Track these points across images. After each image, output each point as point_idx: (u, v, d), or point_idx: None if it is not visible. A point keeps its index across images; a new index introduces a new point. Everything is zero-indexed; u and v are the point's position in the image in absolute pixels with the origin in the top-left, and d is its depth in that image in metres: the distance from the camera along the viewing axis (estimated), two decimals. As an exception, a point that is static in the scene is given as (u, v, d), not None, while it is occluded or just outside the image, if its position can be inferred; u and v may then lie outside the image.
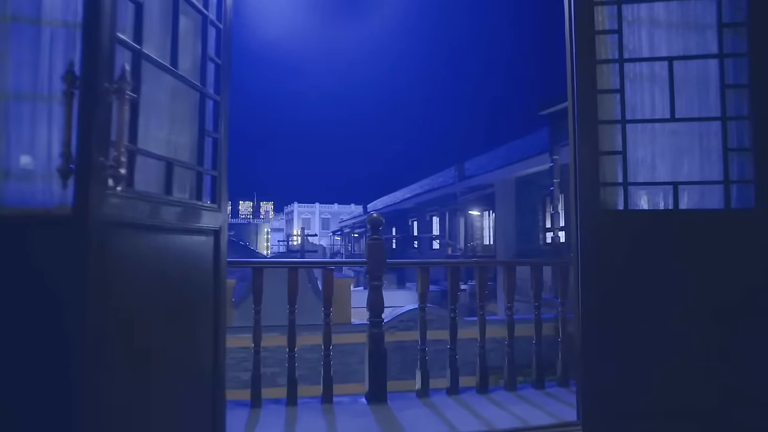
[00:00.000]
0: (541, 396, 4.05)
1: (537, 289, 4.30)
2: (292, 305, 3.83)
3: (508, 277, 4.21)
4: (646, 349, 2.67)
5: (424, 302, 4.11)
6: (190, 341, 2.16)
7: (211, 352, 2.32)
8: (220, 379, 2.43)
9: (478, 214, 21.00)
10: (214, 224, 2.31)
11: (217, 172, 2.34)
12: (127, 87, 1.58)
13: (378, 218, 3.89)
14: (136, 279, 1.73)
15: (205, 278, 2.27)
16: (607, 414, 2.70)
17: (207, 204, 2.30)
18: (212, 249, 2.31)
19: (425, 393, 4.01)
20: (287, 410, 3.69)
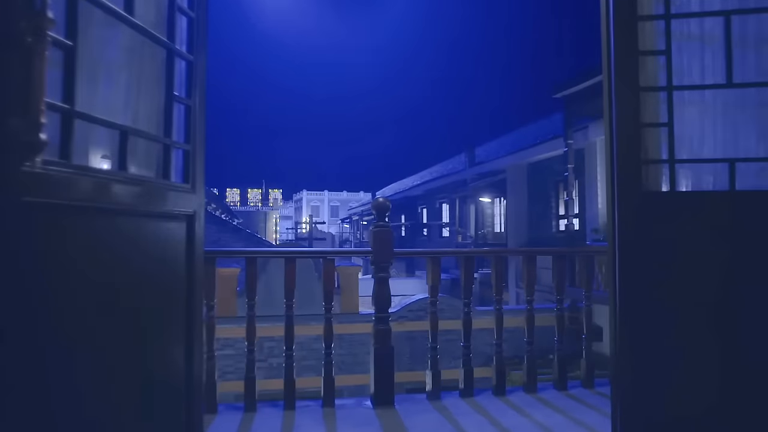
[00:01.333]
0: (565, 399, 3.68)
1: (560, 281, 3.90)
2: (290, 299, 3.47)
3: (528, 268, 3.82)
4: (696, 352, 2.28)
5: (435, 295, 3.73)
6: (152, 345, 1.79)
7: (182, 355, 1.96)
8: (195, 386, 2.06)
9: (489, 200, 20.56)
10: (186, 208, 1.94)
11: (190, 146, 1.96)
12: (47, 25, 1.20)
13: (384, 203, 3.50)
14: (69, 275, 1.36)
15: (175, 271, 1.90)
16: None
17: (177, 184, 1.92)
18: (185, 237, 1.94)
19: (436, 395, 3.64)
20: (284, 415, 3.34)
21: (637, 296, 2.36)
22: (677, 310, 2.33)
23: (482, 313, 12.58)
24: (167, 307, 1.87)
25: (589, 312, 3.96)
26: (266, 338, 11.83)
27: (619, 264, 2.38)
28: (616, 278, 2.42)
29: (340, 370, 12.32)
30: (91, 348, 1.46)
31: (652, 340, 2.33)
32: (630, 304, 2.38)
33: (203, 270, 2.07)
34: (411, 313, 12.60)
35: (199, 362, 2.07)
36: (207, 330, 3.35)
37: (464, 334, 3.76)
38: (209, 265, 3.36)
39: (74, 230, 1.38)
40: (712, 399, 2.32)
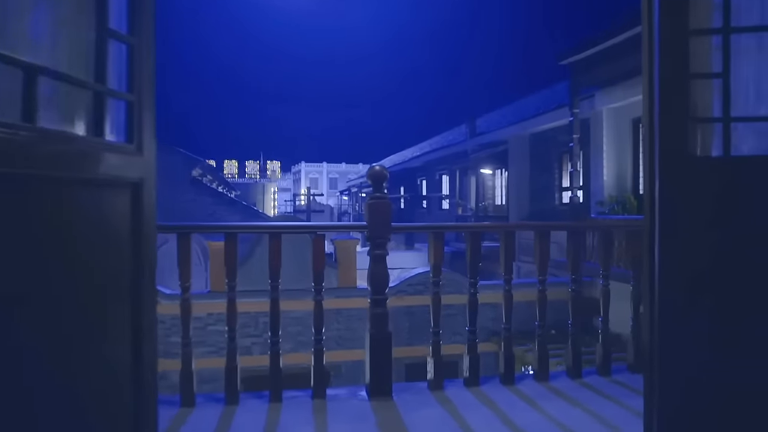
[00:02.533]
0: (579, 389, 3.33)
1: (575, 258, 3.53)
2: (275, 279, 3.10)
3: (540, 244, 3.44)
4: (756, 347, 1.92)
5: (438, 274, 3.36)
6: (85, 334, 1.42)
7: (128, 343, 1.58)
8: (144, 376, 1.67)
9: (490, 172, 20.12)
10: (129, 173, 1.54)
11: (134, 96, 1.55)
12: None
13: (380, 171, 3.11)
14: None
15: (116, 250, 1.51)
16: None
17: (116, 143, 1.52)
18: (129, 210, 1.54)
19: (439, 384, 3.29)
20: (270, 408, 2.99)
21: (680, 282, 1.98)
22: (731, 305, 1.95)
23: (484, 288, 12.26)
24: (105, 292, 1.49)
25: (606, 292, 3.59)
26: (263, 314, 11.52)
27: (660, 244, 1.99)
28: (654, 260, 2.04)
29: (338, 345, 12.06)
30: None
31: (697, 339, 1.96)
32: (671, 291, 2.00)
33: (155, 247, 1.68)
34: (410, 288, 12.28)
35: (151, 350, 1.69)
36: (183, 314, 2.99)
37: (469, 317, 3.39)
38: (183, 241, 2.98)
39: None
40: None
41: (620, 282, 4.32)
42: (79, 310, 1.37)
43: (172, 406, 2.97)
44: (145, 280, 1.62)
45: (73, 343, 1.36)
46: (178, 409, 2.95)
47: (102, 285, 1.46)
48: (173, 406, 2.97)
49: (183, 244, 2.95)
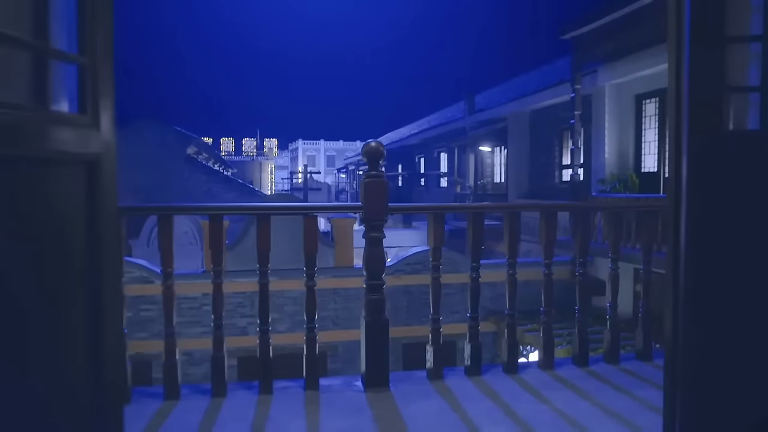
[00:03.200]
0: (587, 378, 3.16)
1: (583, 240, 3.33)
2: (264, 264, 2.90)
3: (547, 225, 3.24)
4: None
5: (438, 258, 3.15)
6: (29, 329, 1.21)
7: (82, 335, 1.37)
8: (105, 367, 1.46)
9: (489, 150, 19.85)
10: (82, 148, 1.32)
11: (86, 58, 1.32)
12: None
13: (376, 148, 2.88)
14: None
15: (68, 235, 1.31)
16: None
17: (63, 114, 1.30)
18: (84, 191, 1.33)
19: (438, 374, 3.11)
20: (259, 401, 2.81)
21: (710, 269, 1.78)
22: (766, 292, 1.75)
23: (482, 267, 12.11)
24: (54, 277, 1.28)
25: (615, 276, 3.40)
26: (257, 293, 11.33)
27: (687, 226, 1.79)
28: (679, 243, 1.83)
29: (335, 325, 11.95)
30: None
31: (727, 330, 1.77)
32: (699, 278, 1.80)
33: (115, 229, 1.47)
34: (408, 267, 12.13)
35: (113, 339, 1.49)
36: (165, 303, 2.80)
37: (471, 304, 3.20)
38: (166, 224, 2.76)
39: None
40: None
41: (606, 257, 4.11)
42: (25, 297, 1.16)
43: (155, 399, 2.79)
44: (105, 264, 1.41)
45: (16, 332, 1.15)
46: (161, 402, 2.77)
47: (51, 271, 1.25)
48: (156, 399, 2.79)
49: (164, 226, 2.74)
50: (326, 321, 11.85)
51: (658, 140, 11.20)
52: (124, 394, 2.74)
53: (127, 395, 2.76)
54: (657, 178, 11.22)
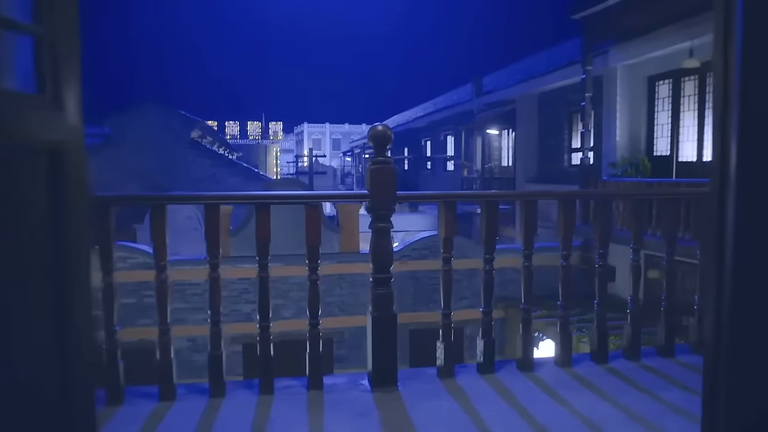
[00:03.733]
0: (607, 376, 2.98)
1: (603, 229, 3.13)
2: (263, 257, 2.71)
3: (565, 214, 3.04)
4: None
5: (449, 250, 2.97)
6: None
7: (49, 337, 1.20)
8: (72, 367, 1.27)
9: (497, 133, 19.55)
10: (42, 134, 1.13)
11: (44, 28, 1.13)
12: None
13: (384, 132, 2.68)
14: None
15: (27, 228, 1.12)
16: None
17: (14, 93, 1.11)
18: (45, 183, 1.14)
19: (449, 371, 2.94)
20: (259, 401, 2.65)
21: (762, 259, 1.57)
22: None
23: (489, 252, 11.91)
24: (12, 274, 1.10)
25: (637, 267, 3.20)
26: (262, 279, 11.22)
27: (736, 215, 1.58)
28: (725, 237, 1.63)
29: (340, 311, 11.83)
30: None
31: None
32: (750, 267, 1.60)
33: (86, 221, 1.29)
34: (414, 252, 11.96)
35: (81, 339, 1.31)
36: (159, 297, 2.63)
37: (484, 298, 3.01)
38: (158, 214, 2.58)
39: None
40: None
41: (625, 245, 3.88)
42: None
43: (149, 400, 2.63)
44: (72, 258, 1.23)
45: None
46: (155, 403, 2.61)
47: (5, 272, 1.07)
48: (150, 400, 2.63)
49: (156, 217, 2.56)
50: (332, 307, 11.73)
51: (671, 123, 10.91)
52: (117, 395, 2.59)
53: (120, 396, 2.61)
54: (669, 162, 10.96)
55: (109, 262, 2.53)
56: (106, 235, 2.49)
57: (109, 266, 2.53)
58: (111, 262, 2.53)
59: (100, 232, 2.48)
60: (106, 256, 2.52)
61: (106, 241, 2.50)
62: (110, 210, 2.49)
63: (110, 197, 2.55)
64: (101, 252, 2.51)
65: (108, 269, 2.53)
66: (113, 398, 2.58)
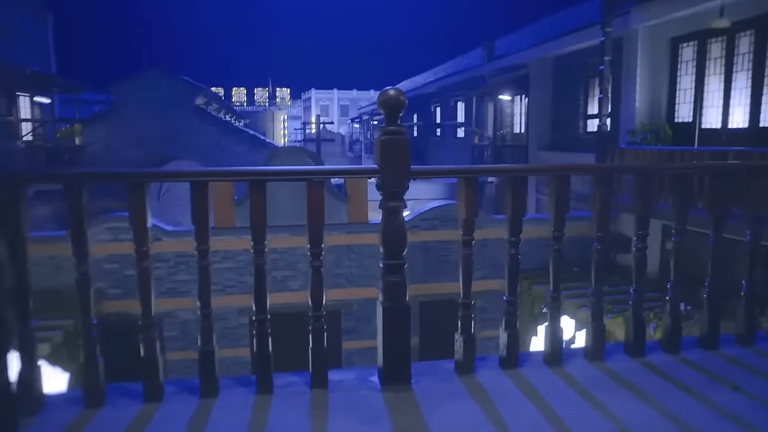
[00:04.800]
0: (643, 372, 2.67)
1: (643, 209, 2.77)
2: (260, 242, 2.39)
3: (601, 192, 2.68)
4: None
5: (470, 232, 2.63)
6: None
7: None
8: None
9: (509, 99, 18.98)
10: None
11: None
12: None
13: (396, 97, 2.32)
14: None
15: None
16: None
17: None
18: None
19: (468, 367, 2.63)
20: (255, 403, 2.36)
21: None
22: None
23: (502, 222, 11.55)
24: None
25: (679, 249, 2.86)
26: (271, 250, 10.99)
27: None
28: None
29: (349, 282, 11.60)
30: None
31: None
32: None
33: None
34: (425, 222, 11.65)
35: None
36: (142, 290, 2.32)
37: (509, 285, 2.68)
38: (138, 194, 2.25)
39: None
40: None
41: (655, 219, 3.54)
42: None
43: (134, 400, 2.35)
44: None
45: None
46: (140, 405, 2.33)
47: None
48: (135, 400, 2.35)
49: (136, 196, 2.22)
50: (341, 278, 11.51)
51: (694, 88, 10.38)
52: (98, 396, 2.31)
53: (101, 397, 2.33)
54: (692, 129, 10.47)
55: (83, 248, 2.21)
56: (78, 216, 2.17)
57: (83, 252, 2.22)
58: (85, 248, 2.22)
59: (71, 213, 2.16)
60: (79, 240, 2.20)
61: (79, 223, 2.18)
62: (82, 189, 2.16)
63: (82, 174, 2.22)
64: (73, 236, 2.19)
65: (82, 255, 2.22)
66: (93, 400, 2.30)
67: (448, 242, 11.59)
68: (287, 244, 10.73)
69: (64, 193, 2.14)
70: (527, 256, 3.51)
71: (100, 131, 16.84)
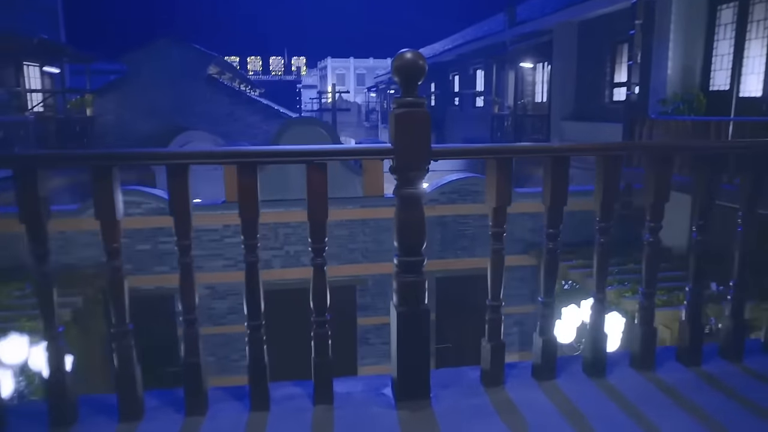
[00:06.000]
0: (701, 387, 2.28)
1: (708, 190, 2.34)
2: (251, 237, 2.02)
3: (657, 175, 2.25)
4: None
5: (500, 224, 2.22)
6: None
7: None
8: None
9: (531, 66, 18.25)
10: None
11: None
12: None
13: (414, 61, 1.90)
14: None
15: None
16: None
17: None
18: None
19: (497, 379, 2.27)
20: (249, 422, 2.02)
21: None
22: None
23: (523, 196, 11.10)
24: None
25: (748, 234, 2.44)
26: (282, 224, 10.70)
27: None
28: None
29: (364, 258, 11.27)
30: None
31: None
32: None
33: None
34: (443, 196, 11.21)
35: None
36: (114, 293, 1.97)
37: (545, 284, 2.29)
38: (104, 179, 1.88)
39: None
40: None
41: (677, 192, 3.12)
42: None
43: (109, 419, 2.02)
44: None
45: None
46: (115, 425, 2.00)
47: None
48: (110, 418, 2.02)
49: (101, 183, 1.85)
50: (355, 254, 11.18)
51: (733, 52, 9.70)
52: (68, 412, 1.98)
53: (73, 413, 2.00)
54: (728, 98, 9.83)
55: (41, 245, 1.85)
56: (32, 205, 1.81)
57: (41, 250, 1.86)
58: (44, 245, 1.86)
59: (24, 202, 1.80)
60: (36, 234, 1.84)
61: (34, 213, 1.82)
62: (36, 173, 1.79)
63: (36, 156, 1.86)
64: (28, 228, 1.83)
65: (40, 254, 1.86)
66: (61, 417, 1.98)
67: (467, 217, 11.17)
68: (301, 218, 10.41)
69: (14, 179, 1.77)
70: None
71: (111, 102, 16.52)
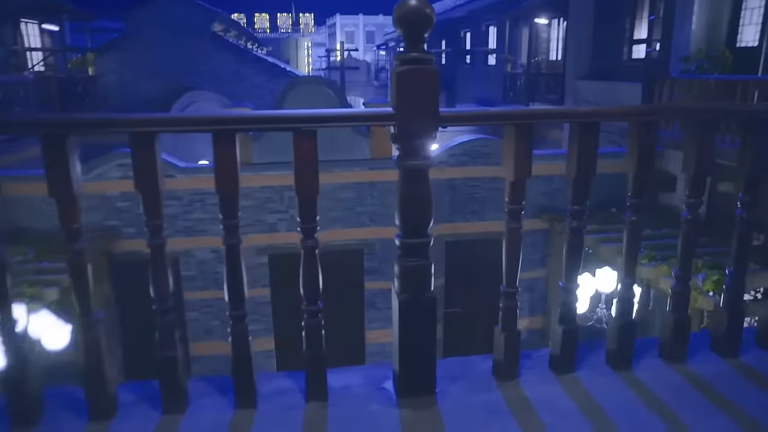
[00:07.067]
0: (738, 382, 2.03)
1: (761, 162, 2.05)
2: (230, 217, 1.76)
3: (698, 146, 1.96)
4: None
5: (518, 200, 1.95)
6: None
7: None
8: None
9: (546, 22, 17.56)
10: None
11: None
12: None
13: (419, 10, 1.59)
14: None
15: None
16: None
17: None
18: None
19: (511, 372, 2.03)
20: (233, 422, 1.80)
21: None
22: None
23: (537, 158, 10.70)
24: None
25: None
26: (287, 187, 10.44)
27: None
28: None
29: (371, 221, 11.04)
30: None
31: None
32: None
33: None
34: (452, 158, 10.88)
35: None
36: (76, 280, 1.73)
37: (566, 269, 2.02)
38: (55, 149, 1.62)
39: None
40: None
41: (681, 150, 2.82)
42: None
43: (77, 417, 1.81)
44: None
45: None
46: (84, 425, 1.79)
47: None
48: (79, 417, 1.82)
49: (53, 153, 1.58)
50: (363, 217, 10.95)
51: (765, 5, 9.14)
52: (33, 411, 1.78)
53: (37, 411, 1.80)
54: (756, 55, 9.32)
55: None
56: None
57: None
58: None
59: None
60: None
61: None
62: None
63: None
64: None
65: None
66: (24, 416, 1.77)
67: (477, 179, 10.86)
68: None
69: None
70: (561, 193, 2.87)
71: (113, 61, 16.12)
